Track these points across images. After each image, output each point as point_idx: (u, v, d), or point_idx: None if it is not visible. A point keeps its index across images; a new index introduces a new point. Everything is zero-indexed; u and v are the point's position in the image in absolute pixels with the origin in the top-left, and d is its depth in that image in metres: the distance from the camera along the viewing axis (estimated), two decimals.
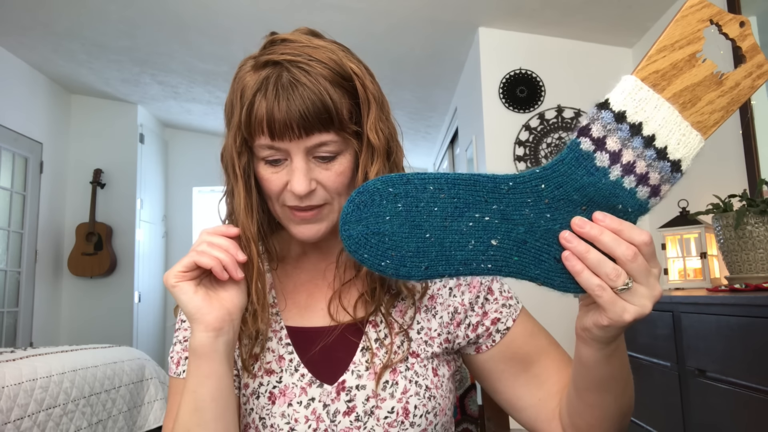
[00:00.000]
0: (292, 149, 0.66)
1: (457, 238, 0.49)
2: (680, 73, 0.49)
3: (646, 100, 0.48)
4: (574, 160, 0.49)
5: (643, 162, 0.49)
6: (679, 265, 2.15)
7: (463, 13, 2.86)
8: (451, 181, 0.49)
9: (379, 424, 0.69)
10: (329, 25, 0.75)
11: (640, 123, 0.48)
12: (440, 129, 4.74)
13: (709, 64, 0.49)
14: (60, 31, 3.49)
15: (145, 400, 2.51)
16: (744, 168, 1.99)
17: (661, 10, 2.52)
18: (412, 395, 0.70)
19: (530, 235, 0.50)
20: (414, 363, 0.72)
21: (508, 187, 0.50)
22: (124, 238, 4.60)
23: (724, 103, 0.49)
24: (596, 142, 0.49)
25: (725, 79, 0.49)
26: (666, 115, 0.49)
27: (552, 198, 0.50)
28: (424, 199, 0.49)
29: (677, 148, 0.49)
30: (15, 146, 3.91)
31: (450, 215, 0.49)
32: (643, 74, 0.49)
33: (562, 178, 0.50)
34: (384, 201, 0.49)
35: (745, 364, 1.26)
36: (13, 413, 1.74)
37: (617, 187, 0.49)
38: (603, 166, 0.49)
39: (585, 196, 0.49)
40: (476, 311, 0.75)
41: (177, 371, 0.73)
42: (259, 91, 0.66)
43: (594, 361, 0.58)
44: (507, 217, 0.49)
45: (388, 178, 0.49)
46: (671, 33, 0.49)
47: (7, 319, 3.84)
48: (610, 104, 0.49)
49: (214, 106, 4.61)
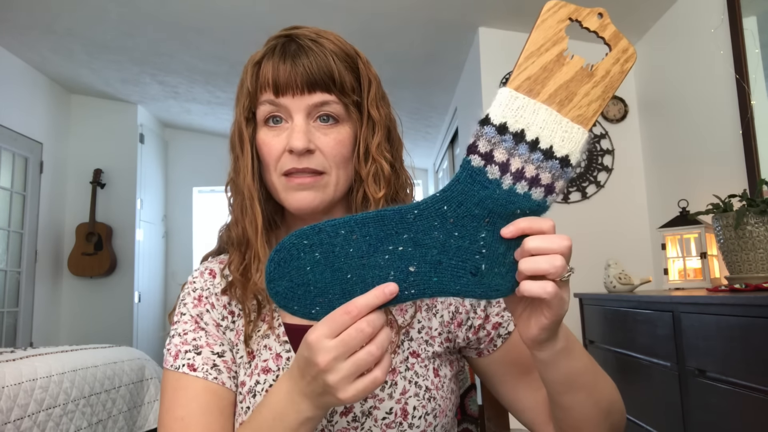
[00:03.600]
0: (293, 108, 0.69)
1: (377, 272, 0.52)
2: (551, 74, 0.51)
3: (524, 108, 0.51)
4: (468, 177, 0.52)
5: (532, 166, 0.51)
6: (679, 265, 2.15)
7: (463, 13, 2.85)
8: (359, 221, 0.52)
9: (377, 425, 0.68)
10: (329, 25, 0.76)
11: (522, 130, 0.51)
12: (440, 129, 4.74)
13: (577, 59, 0.51)
14: (60, 31, 3.49)
15: (145, 400, 2.51)
16: (744, 168, 1.99)
17: (661, 10, 2.52)
18: (411, 396, 0.70)
19: (444, 255, 0.52)
20: (414, 363, 0.72)
21: (414, 216, 0.53)
22: (124, 238, 4.60)
23: (599, 93, 0.51)
24: (485, 156, 0.52)
25: (595, 70, 0.52)
26: (545, 117, 0.51)
27: (456, 217, 0.52)
28: (339, 244, 0.52)
29: (562, 145, 0.51)
30: (15, 146, 3.91)
31: (366, 253, 0.52)
32: (516, 83, 0.51)
33: (461, 197, 0.52)
34: (302, 253, 0.51)
35: (745, 364, 1.26)
36: (13, 413, 1.74)
37: (511, 194, 0.51)
38: (495, 178, 0.51)
39: (485, 208, 0.52)
40: (478, 314, 0.75)
41: (174, 364, 0.71)
42: (267, 56, 0.70)
43: (553, 361, 0.59)
44: (419, 243, 0.52)
45: (301, 232, 0.52)
46: (535, 39, 0.51)
47: (7, 319, 3.84)
48: (491, 119, 0.51)
49: (214, 106, 4.61)
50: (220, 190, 0.75)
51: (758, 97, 1.95)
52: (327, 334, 0.51)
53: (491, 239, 0.52)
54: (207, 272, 0.78)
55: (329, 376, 0.51)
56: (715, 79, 2.17)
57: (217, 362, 0.71)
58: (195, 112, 4.87)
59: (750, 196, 1.73)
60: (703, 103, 2.29)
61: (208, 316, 0.74)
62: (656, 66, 2.67)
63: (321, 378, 0.51)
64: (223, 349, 0.73)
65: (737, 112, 2.02)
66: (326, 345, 0.50)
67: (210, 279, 0.77)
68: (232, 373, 0.72)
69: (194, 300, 0.75)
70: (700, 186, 2.29)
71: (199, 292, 0.76)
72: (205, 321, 0.74)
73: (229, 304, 0.75)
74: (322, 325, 0.51)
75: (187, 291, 0.77)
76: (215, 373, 0.70)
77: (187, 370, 0.70)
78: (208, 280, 0.77)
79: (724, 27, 2.08)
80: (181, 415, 0.68)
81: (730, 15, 2.05)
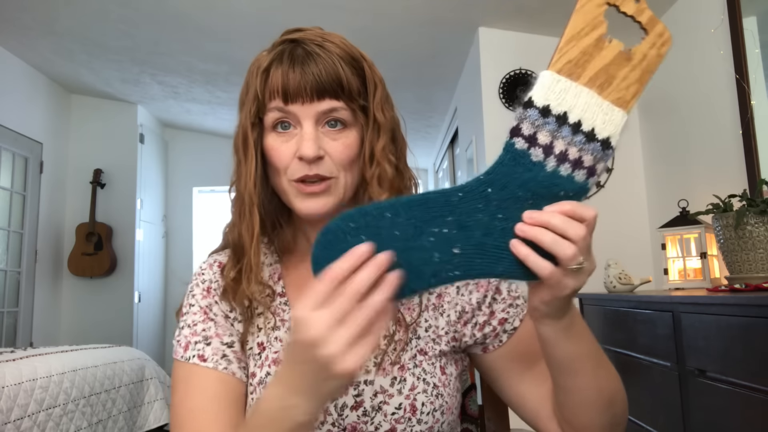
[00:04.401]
0: (302, 115, 0.69)
1: (422, 254, 0.52)
2: (591, 58, 0.52)
3: (566, 90, 0.52)
4: (511, 160, 0.53)
5: (575, 148, 0.52)
6: (679, 265, 2.15)
7: (463, 13, 2.86)
8: (405, 204, 0.52)
9: (387, 420, 0.69)
10: (329, 25, 0.76)
11: (565, 113, 0.52)
12: (440, 129, 4.74)
13: (615, 44, 0.52)
14: (60, 31, 3.49)
15: (145, 400, 2.51)
16: (744, 168, 1.99)
17: (661, 11, 2.52)
18: (419, 392, 0.70)
19: (488, 237, 0.53)
20: (422, 360, 0.73)
21: (458, 198, 0.53)
22: (124, 238, 4.60)
23: (638, 76, 0.52)
24: (528, 139, 0.52)
25: (633, 54, 0.52)
26: (587, 100, 0.52)
27: (500, 199, 0.53)
28: (384, 226, 0.51)
29: (604, 128, 0.52)
30: (15, 146, 3.91)
31: (411, 235, 0.52)
32: (557, 66, 0.52)
33: (505, 179, 0.53)
34: (348, 236, 0.51)
35: (745, 364, 1.26)
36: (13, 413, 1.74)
37: (555, 176, 0.52)
38: (539, 161, 0.52)
39: (529, 190, 0.52)
40: (483, 311, 0.75)
41: (185, 355, 0.71)
42: (275, 62, 0.70)
43: (553, 339, 0.59)
44: (463, 225, 0.52)
45: (347, 215, 0.52)
46: (575, 23, 0.52)
47: (7, 319, 3.84)
48: (534, 101, 0.52)
49: (214, 106, 4.61)
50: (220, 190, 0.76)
51: (758, 97, 1.95)
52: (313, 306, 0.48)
53: None
54: (216, 264, 0.78)
55: (326, 347, 0.48)
56: (715, 79, 2.17)
57: (227, 352, 0.72)
58: (195, 112, 4.87)
59: (750, 196, 1.73)
60: (703, 103, 2.29)
61: (216, 307, 0.75)
62: None
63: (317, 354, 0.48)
64: (232, 339, 0.73)
65: (737, 112, 2.02)
66: (316, 315, 0.48)
67: (218, 271, 0.77)
68: (242, 364, 0.73)
69: (203, 291, 0.76)
70: (700, 186, 2.29)
71: (208, 284, 0.76)
72: (214, 312, 0.74)
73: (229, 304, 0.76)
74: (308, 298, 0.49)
75: (195, 282, 0.77)
76: (225, 363, 0.71)
77: (197, 361, 0.70)
78: (216, 272, 0.77)
79: (724, 27, 2.08)
80: (192, 407, 0.68)
81: (730, 15, 2.05)
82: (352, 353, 0.48)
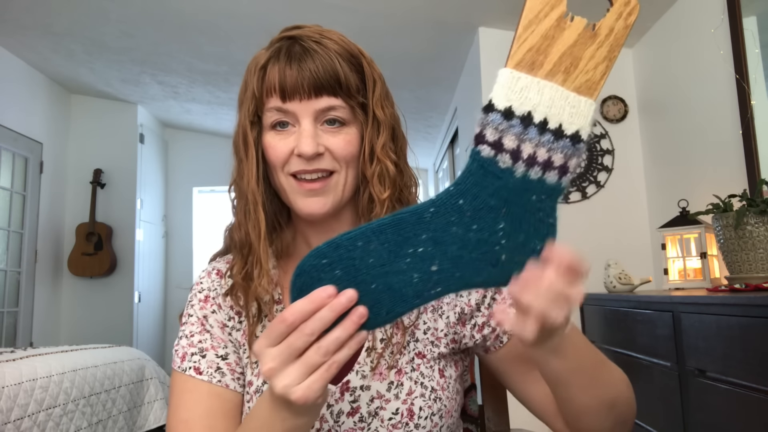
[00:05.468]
0: (300, 112, 0.69)
1: (401, 277, 0.51)
2: (553, 41, 0.48)
3: (528, 88, 0.49)
4: (479, 168, 0.50)
5: (543, 149, 0.49)
6: (679, 265, 2.15)
7: (463, 13, 2.86)
8: (375, 229, 0.50)
9: (384, 426, 0.68)
10: (329, 25, 0.76)
11: (529, 112, 0.49)
12: (440, 129, 4.74)
13: (578, 21, 0.49)
14: (60, 31, 3.49)
15: (145, 400, 2.51)
16: (744, 168, 1.99)
17: (661, 11, 2.52)
18: (417, 396, 0.70)
19: (464, 249, 0.51)
20: (420, 364, 0.72)
21: (430, 214, 0.51)
22: (124, 238, 4.60)
23: (605, 53, 0.49)
24: (494, 145, 0.49)
25: (598, 29, 0.49)
26: (551, 95, 0.49)
27: (472, 209, 0.51)
28: (358, 256, 0.50)
29: (571, 122, 0.49)
30: (15, 146, 3.91)
31: (386, 260, 0.50)
32: (518, 57, 0.49)
33: (476, 189, 0.51)
34: (322, 274, 0.50)
35: (745, 364, 1.26)
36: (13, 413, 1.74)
37: (526, 181, 0.50)
38: (507, 167, 0.50)
39: (501, 198, 0.51)
40: (482, 312, 0.75)
41: (182, 366, 0.72)
42: (272, 59, 0.70)
43: (541, 358, 0.57)
44: (438, 241, 0.51)
45: (318, 251, 0.50)
46: (531, 5, 0.49)
47: (7, 319, 3.84)
48: (495, 104, 0.49)
49: (214, 106, 4.61)
50: (220, 190, 0.75)
51: (758, 97, 1.95)
52: (268, 343, 0.50)
53: (510, 229, 0.51)
54: (214, 272, 0.78)
55: (278, 381, 0.49)
56: (715, 79, 2.17)
57: (221, 365, 0.72)
58: (195, 112, 4.87)
59: (750, 196, 1.73)
60: (703, 103, 2.29)
61: (213, 317, 0.75)
62: (656, 66, 2.67)
63: (271, 384, 0.50)
64: (226, 351, 0.73)
65: (737, 112, 2.02)
66: (268, 351, 0.49)
67: (217, 279, 0.77)
68: (236, 375, 0.73)
69: (200, 301, 0.76)
70: (700, 186, 2.29)
71: (206, 292, 0.76)
72: (210, 323, 0.74)
73: (237, 304, 0.75)
74: (263, 336, 0.50)
75: (194, 292, 0.77)
76: (219, 376, 0.71)
77: (193, 373, 0.71)
78: (215, 280, 0.77)
79: (724, 27, 2.08)
80: (185, 418, 0.69)
81: (730, 15, 2.05)
82: (303, 387, 0.49)
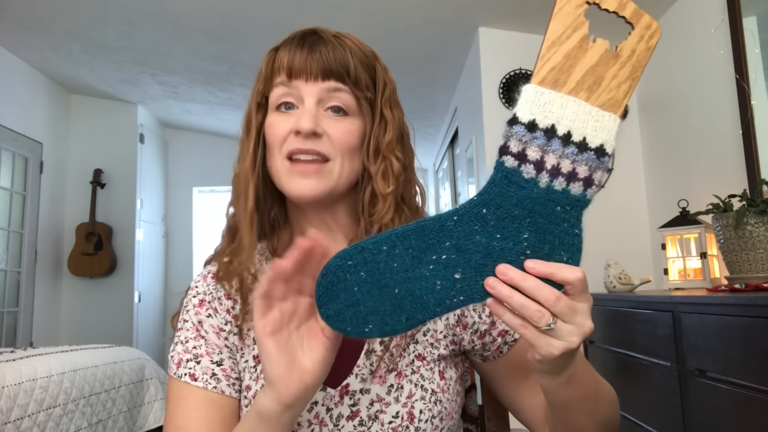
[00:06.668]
0: (305, 92, 0.69)
1: (424, 284, 0.51)
2: (576, 61, 0.50)
3: (551, 102, 0.50)
4: (503, 179, 0.51)
5: (567, 160, 0.50)
6: (679, 265, 2.15)
7: (463, 13, 2.86)
8: (400, 235, 0.51)
9: (384, 429, 0.68)
10: (329, 25, 0.76)
11: (553, 125, 0.50)
12: (440, 129, 4.74)
13: (600, 43, 0.50)
14: (60, 31, 3.49)
15: (145, 400, 2.51)
16: (744, 168, 1.99)
17: (661, 11, 2.52)
18: (417, 399, 0.69)
19: (488, 258, 0.51)
20: (420, 366, 0.72)
21: (453, 223, 0.52)
22: (124, 238, 4.60)
23: (627, 73, 0.50)
24: (518, 156, 0.50)
25: (620, 50, 0.50)
26: (574, 109, 0.50)
27: (496, 219, 0.52)
28: (382, 260, 0.51)
29: (596, 135, 0.50)
30: (15, 146, 3.91)
31: (410, 266, 0.51)
32: (541, 75, 0.50)
33: (499, 199, 0.52)
34: (347, 275, 0.51)
35: (745, 364, 1.26)
36: (13, 413, 1.74)
37: (550, 192, 0.51)
38: (531, 177, 0.51)
39: (524, 209, 0.51)
40: (484, 319, 0.75)
41: (178, 372, 0.71)
42: (285, 42, 0.71)
43: (551, 389, 0.58)
44: (461, 249, 0.51)
45: (344, 253, 0.51)
46: (554, 28, 0.50)
47: (7, 319, 3.84)
48: (519, 117, 0.50)
49: (214, 106, 4.61)
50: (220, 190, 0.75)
51: (758, 97, 1.95)
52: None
53: (534, 239, 0.51)
54: (209, 275, 0.77)
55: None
56: (715, 79, 2.17)
57: (216, 371, 0.71)
58: (195, 112, 4.87)
59: (750, 196, 1.73)
60: (703, 103, 2.29)
61: (208, 322, 0.74)
62: (656, 66, 2.67)
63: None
64: (221, 357, 0.72)
65: (737, 112, 2.02)
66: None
67: (212, 283, 0.76)
68: (232, 381, 0.72)
69: (195, 306, 0.75)
70: (700, 186, 2.29)
71: (201, 296, 0.75)
72: (205, 329, 0.73)
73: (233, 308, 0.74)
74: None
75: (189, 297, 0.76)
76: (214, 382, 0.70)
77: (188, 380, 0.70)
78: (210, 284, 0.76)
79: (724, 27, 2.08)
80: (181, 425, 0.68)
81: (730, 15, 2.05)
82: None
